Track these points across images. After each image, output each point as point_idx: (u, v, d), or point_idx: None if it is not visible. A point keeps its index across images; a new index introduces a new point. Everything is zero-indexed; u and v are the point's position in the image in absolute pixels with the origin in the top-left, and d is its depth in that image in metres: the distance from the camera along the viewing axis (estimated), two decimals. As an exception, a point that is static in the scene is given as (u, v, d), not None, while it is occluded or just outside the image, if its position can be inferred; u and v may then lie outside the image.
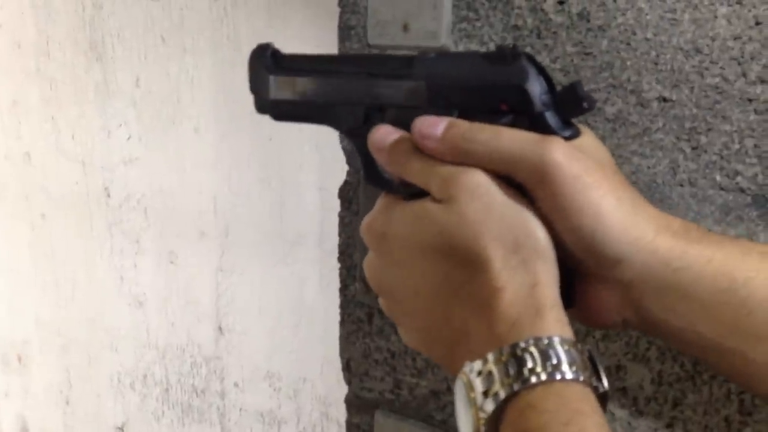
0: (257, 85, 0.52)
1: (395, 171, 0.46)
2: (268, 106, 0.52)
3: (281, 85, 0.51)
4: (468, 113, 0.45)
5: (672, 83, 0.59)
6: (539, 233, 0.42)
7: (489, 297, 0.41)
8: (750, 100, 0.57)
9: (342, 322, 0.79)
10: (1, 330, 1.84)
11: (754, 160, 0.57)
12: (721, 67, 0.57)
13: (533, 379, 0.38)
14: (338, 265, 0.80)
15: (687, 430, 0.62)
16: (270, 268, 1.48)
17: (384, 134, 0.47)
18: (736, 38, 0.57)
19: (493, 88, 0.44)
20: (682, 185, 0.59)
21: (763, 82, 0.56)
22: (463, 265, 0.42)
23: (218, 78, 1.50)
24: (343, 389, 0.82)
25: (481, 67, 0.45)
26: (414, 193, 0.45)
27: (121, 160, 1.65)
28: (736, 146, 0.58)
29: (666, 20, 0.58)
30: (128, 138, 1.63)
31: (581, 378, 0.38)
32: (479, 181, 0.42)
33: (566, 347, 0.39)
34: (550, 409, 0.37)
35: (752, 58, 0.56)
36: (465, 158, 0.43)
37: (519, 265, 0.41)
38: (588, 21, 0.61)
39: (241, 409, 1.53)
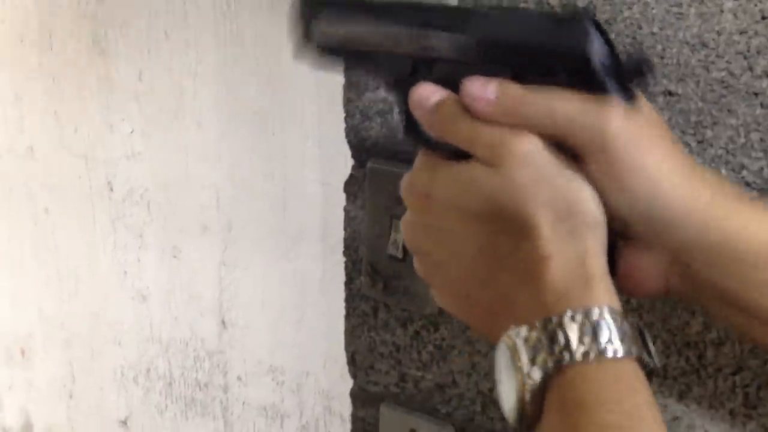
0: (300, 28, 0.50)
1: (439, 132, 0.45)
2: (311, 49, 0.50)
3: (327, 26, 0.49)
4: (523, 74, 0.43)
5: (678, 77, 0.59)
6: (591, 202, 0.41)
7: (536, 265, 0.40)
8: (756, 94, 0.57)
9: (347, 316, 0.80)
10: (5, 324, 1.84)
11: (760, 154, 0.57)
12: (727, 61, 0.57)
13: (582, 351, 0.37)
14: (343, 259, 0.81)
15: (692, 424, 0.63)
16: (273, 262, 1.48)
17: (428, 93, 0.45)
18: (742, 32, 0.57)
19: (553, 49, 0.42)
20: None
21: (769, 76, 0.56)
22: (510, 232, 0.41)
23: (221, 73, 1.50)
24: (347, 383, 0.82)
25: (542, 26, 0.43)
26: (455, 150, 0.44)
27: (124, 155, 1.65)
28: (742, 140, 0.58)
29: (672, 14, 0.59)
30: (131, 132, 1.63)
31: (633, 352, 0.38)
32: (531, 146, 0.41)
33: (617, 319, 0.38)
34: (601, 385, 0.37)
35: (758, 53, 0.56)
36: (518, 121, 0.42)
37: (568, 234, 0.40)
38: (594, 15, 0.61)
39: (244, 403, 1.54)
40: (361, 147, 0.76)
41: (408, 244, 0.47)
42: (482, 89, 0.42)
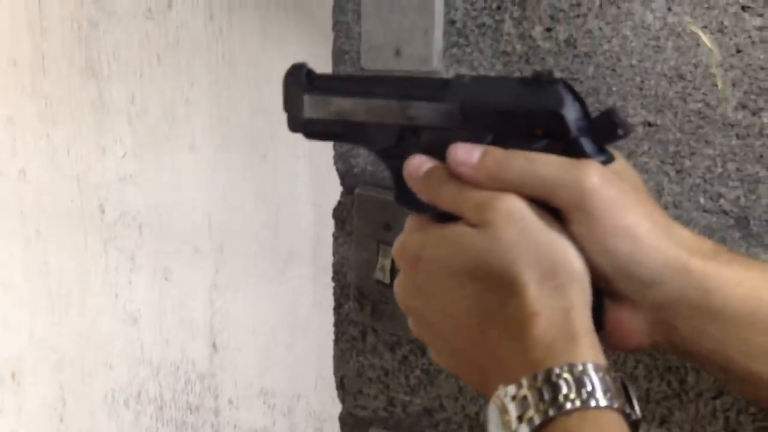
0: (291, 104, 0.53)
1: (429, 198, 0.47)
2: (302, 124, 0.53)
3: (315, 104, 0.52)
4: (503, 137, 0.45)
5: (656, 108, 0.61)
6: (574, 258, 0.43)
7: (524, 322, 0.41)
8: (732, 125, 0.58)
9: (336, 341, 0.81)
10: (-5, 347, 1.84)
11: (737, 183, 0.59)
12: (703, 93, 0.59)
13: (568, 406, 0.39)
14: (332, 284, 0.82)
15: (674, 447, 0.64)
16: (264, 284, 1.49)
17: (418, 164, 0.48)
18: (718, 65, 0.58)
19: (529, 112, 0.45)
20: (666, 207, 0.61)
21: (744, 108, 0.58)
22: (497, 290, 0.43)
23: (213, 96, 1.52)
24: (338, 406, 0.83)
25: (518, 91, 0.45)
26: (443, 213, 0.46)
27: (116, 177, 1.66)
28: (719, 170, 0.59)
29: (650, 47, 0.60)
30: (123, 155, 1.64)
31: (615, 405, 0.39)
32: (514, 206, 0.43)
33: (600, 374, 0.40)
34: None
35: (734, 85, 0.58)
36: (501, 184, 0.44)
37: (554, 290, 0.42)
38: (575, 48, 0.63)
39: (235, 426, 1.53)
40: (349, 174, 0.77)
41: (400, 303, 0.49)
42: (466, 155, 0.44)
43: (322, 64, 0.84)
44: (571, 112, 0.44)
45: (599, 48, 0.62)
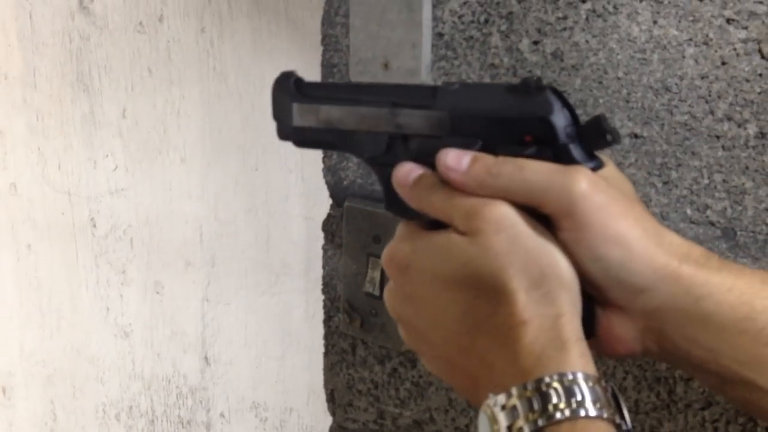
0: (280, 112, 0.53)
1: (418, 206, 0.47)
2: (291, 132, 0.52)
3: (304, 112, 0.52)
4: (491, 144, 0.45)
5: (643, 120, 0.61)
6: (563, 265, 0.42)
7: (513, 330, 0.41)
8: (718, 137, 0.59)
9: (326, 354, 0.80)
10: (-14, 361, 1.83)
11: (723, 195, 0.59)
12: (689, 105, 0.59)
13: (557, 416, 0.38)
14: (323, 297, 0.81)
15: (663, 459, 0.64)
16: (256, 298, 1.49)
17: (407, 171, 0.47)
18: (703, 77, 0.59)
19: (518, 119, 0.44)
20: (654, 219, 0.61)
21: (729, 119, 0.58)
22: (487, 298, 0.43)
23: (204, 109, 1.52)
24: (330, 420, 0.83)
25: (506, 98, 0.45)
26: (433, 220, 0.46)
27: (108, 191, 1.66)
28: (706, 181, 0.60)
29: (636, 60, 0.61)
30: (114, 168, 1.64)
31: (605, 415, 0.39)
32: (504, 213, 0.43)
33: (590, 383, 0.39)
34: None
35: (719, 97, 0.58)
36: (490, 191, 0.44)
37: (543, 298, 0.42)
38: (562, 60, 0.63)
39: (227, 440, 1.53)
40: (338, 186, 0.77)
41: (391, 312, 0.49)
42: (455, 161, 0.44)
43: (311, 76, 0.84)
44: (559, 119, 0.43)
45: (586, 61, 0.62)
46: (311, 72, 0.81)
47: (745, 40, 0.57)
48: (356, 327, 0.76)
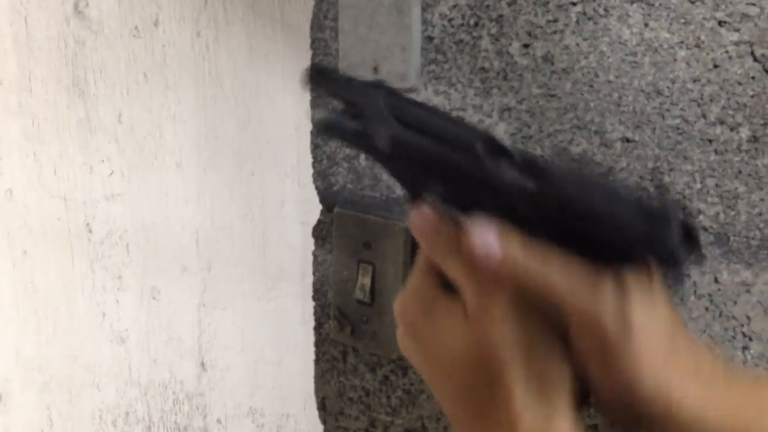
0: (369, 124, 0.46)
1: (431, 256, 0.46)
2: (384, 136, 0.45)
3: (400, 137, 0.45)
4: (587, 246, 0.40)
5: (634, 124, 0.60)
6: (564, 367, 0.42)
7: (509, 420, 0.42)
8: (710, 141, 0.58)
9: (317, 361, 0.79)
10: (-18, 368, 1.82)
11: (716, 200, 0.58)
12: (681, 109, 0.58)
13: None
14: (313, 304, 0.81)
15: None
16: (253, 303, 1.48)
17: (428, 219, 0.45)
18: (695, 80, 0.58)
19: (638, 239, 0.38)
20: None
21: (722, 123, 0.57)
22: (486, 384, 0.43)
23: (200, 114, 1.51)
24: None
25: (624, 207, 0.39)
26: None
27: (103, 196, 1.65)
28: (698, 186, 0.59)
29: (627, 63, 0.60)
30: (110, 174, 1.64)
31: None
32: (515, 305, 0.42)
33: None
34: None
35: (711, 100, 0.57)
36: (512, 281, 0.42)
37: (539, 393, 0.42)
38: (552, 64, 0.62)
39: (223, 447, 1.52)
40: (328, 192, 0.76)
41: (402, 352, 0.49)
42: (488, 242, 0.41)
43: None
44: (680, 253, 0.38)
45: (576, 64, 0.61)
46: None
47: (737, 43, 0.56)
48: (347, 334, 0.75)
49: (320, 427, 0.82)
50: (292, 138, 1.41)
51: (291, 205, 1.44)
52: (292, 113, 1.42)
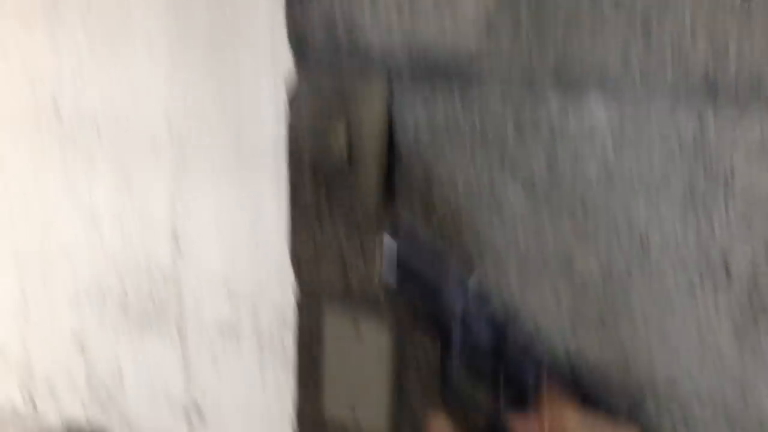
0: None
1: None
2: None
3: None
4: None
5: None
6: None
7: None
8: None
9: (293, 228, 0.80)
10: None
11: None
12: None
13: None
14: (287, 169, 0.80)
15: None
16: (227, 183, 1.48)
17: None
18: None
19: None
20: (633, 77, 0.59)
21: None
22: None
23: (169, -9, 1.47)
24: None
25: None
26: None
27: (71, 77, 1.62)
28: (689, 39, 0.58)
29: None
30: (78, 56, 1.60)
31: None
32: None
33: None
34: None
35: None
36: None
37: None
38: None
39: (200, 323, 1.54)
40: (301, 47, 0.75)
41: None
42: None
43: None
44: None
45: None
46: None
47: None
48: (322, 193, 0.75)
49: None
50: (266, 12, 1.37)
51: (266, 84, 1.41)
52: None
